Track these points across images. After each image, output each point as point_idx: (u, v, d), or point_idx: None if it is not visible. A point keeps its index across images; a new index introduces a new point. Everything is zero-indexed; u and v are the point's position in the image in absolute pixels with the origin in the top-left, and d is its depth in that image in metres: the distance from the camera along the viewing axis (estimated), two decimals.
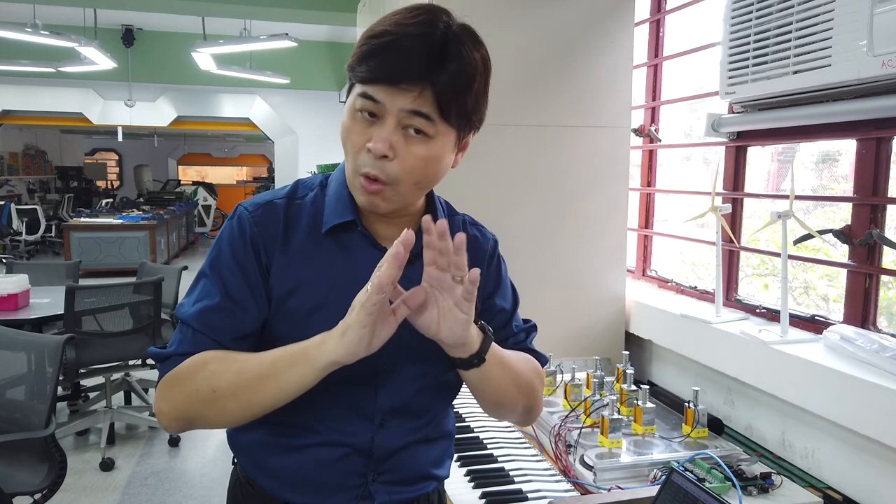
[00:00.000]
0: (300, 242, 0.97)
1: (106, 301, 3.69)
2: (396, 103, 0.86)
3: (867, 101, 1.41)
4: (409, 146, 0.89)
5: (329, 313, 0.92)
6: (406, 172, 0.90)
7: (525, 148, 2.06)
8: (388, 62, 0.85)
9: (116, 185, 19.02)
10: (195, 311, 0.95)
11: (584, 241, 2.14)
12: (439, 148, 0.92)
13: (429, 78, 0.86)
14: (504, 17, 2.00)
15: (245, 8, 5.28)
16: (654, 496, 1.10)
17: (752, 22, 1.65)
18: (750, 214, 2.00)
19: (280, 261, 0.96)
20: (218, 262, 0.97)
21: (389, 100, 0.86)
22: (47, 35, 5.31)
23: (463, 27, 0.91)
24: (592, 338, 2.15)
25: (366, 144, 0.88)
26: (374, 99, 0.87)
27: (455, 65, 0.87)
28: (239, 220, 0.98)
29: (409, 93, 0.86)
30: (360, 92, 0.88)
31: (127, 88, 8.24)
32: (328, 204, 0.99)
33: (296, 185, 1.04)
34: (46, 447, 2.28)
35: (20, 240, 10.96)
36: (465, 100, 0.90)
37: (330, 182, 1.03)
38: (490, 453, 1.59)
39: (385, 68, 0.86)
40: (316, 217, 0.99)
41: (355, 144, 0.90)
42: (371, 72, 0.86)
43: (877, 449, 1.35)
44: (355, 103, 0.89)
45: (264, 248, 0.96)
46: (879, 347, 1.38)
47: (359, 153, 0.90)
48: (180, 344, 0.95)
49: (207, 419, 0.92)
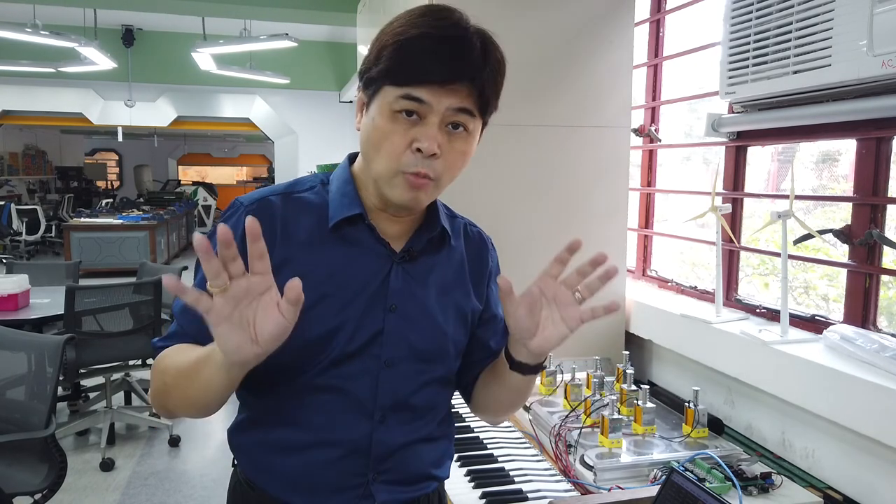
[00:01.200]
0: (303, 236, 0.97)
1: (106, 301, 3.69)
2: (443, 102, 0.89)
3: (867, 101, 1.41)
4: (452, 143, 0.92)
5: (330, 305, 0.94)
6: (449, 168, 0.94)
7: (525, 148, 2.06)
8: (439, 64, 0.88)
9: (116, 185, 19.02)
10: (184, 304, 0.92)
11: (585, 241, 2.13)
12: (473, 142, 0.96)
13: (475, 76, 0.90)
14: (504, 18, 2.00)
15: (245, 8, 5.28)
16: (654, 496, 1.10)
17: (752, 22, 1.65)
18: (750, 214, 2.00)
19: (280, 255, 0.94)
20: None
21: (436, 100, 0.89)
22: (47, 35, 5.31)
23: (482, 28, 0.95)
24: (592, 338, 2.15)
25: (411, 144, 0.90)
26: (420, 100, 0.89)
27: (493, 62, 0.92)
28: (235, 216, 0.98)
29: (458, 92, 0.89)
30: (403, 94, 0.89)
31: (127, 88, 8.23)
32: (332, 200, 1.00)
33: (295, 181, 1.04)
34: (46, 447, 2.28)
35: (20, 240, 10.95)
36: (497, 95, 0.95)
37: (332, 180, 1.03)
38: (490, 453, 1.59)
39: (437, 70, 0.88)
40: (320, 212, 0.99)
41: (397, 145, 0.90)
42: (419, 73, 0.88)
43: (877, 449, 1.34)
44: (394, 104, 0.90)
45: None
46: (879, 347, 1.38)
47: (402, 154, 0.90)
48: (169, 336, 0.97)
49: (175, 408, 0.94)
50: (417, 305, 1.01)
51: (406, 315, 0.99)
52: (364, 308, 0.97)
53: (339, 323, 0.96)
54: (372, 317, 0.97)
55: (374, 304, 0.98)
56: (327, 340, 0.95)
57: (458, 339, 1.07)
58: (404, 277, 1.00)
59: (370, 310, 0.97)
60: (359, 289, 0.97)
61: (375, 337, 0.98)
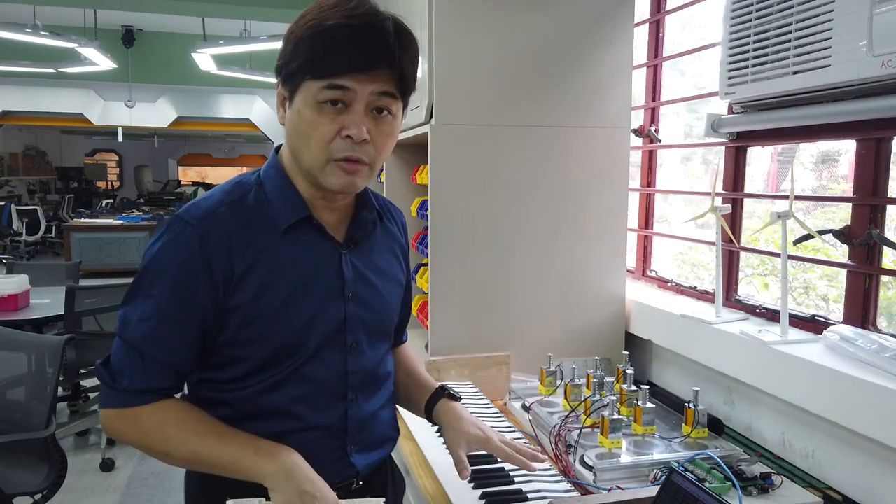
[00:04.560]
0: (258, 243, 1.00)
1: (106, 301, 3.69)
2: (367, 88, 0.94)
3: (867, 101, 1.41)
4: (379, 127, 0.98)
5: (297, 303, 1.01)
6: (380, 151, 0.99)
7: (525, 148, 2.06)
8: (361, 52, 0.92)
9: (116, 185, 19.01)
10: (141, 335, 0.97)
11: (584, 241, 2.14)
12: (398, 124, 1.02)
13: (394, 61, 0.94)
14: (504, 18, 1.99)
15: (245, 8, 5.28)
16: (654, 496, 1.10)
17: (751, 22, 1.65)
18: (750, 214, 2.00)
19: (240, 266, 0.98)
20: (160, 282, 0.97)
21: (360, 86, 0.93)
22: (47, 36, 5.32)
23: (393, 14, 0.98)
24: (592, 338, 2.15)
25: (340, 132, 0.94)
26: (344, 87, 0.93)
27: (409, 46, 0.97)
28: (184, 237, 0.97)
29: (379, 77, 0.94)
30: (326, 84, 0.93)
31: (127, 89, 8.24)
32: (274, 203, 1.03)
33: (232, 187, 1.05)
34: (47, 447, 2.29)
35: (20, 240, 10.95)
36: (415, 77, 1.01)
37: (264, 180, 1.05)
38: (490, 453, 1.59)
39: (360, 58, 0.92)
40: (265, 217, 1.02)
41: (326, 134, 0.95)
42: (340, 63, 0.92)
43: (877, 449, 1.34)
44: (318, 95, 0.93)
45: (218, 262, 0.97)
46: (879, 347, 1.38)
47: (331, 142, 0.95)
48: (132, 376, 0.97)
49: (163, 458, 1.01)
50: (368, 289, 1.10)
51: (360, 300, 1.08)
52: (326, 300, 1.04)
53: (308, 318, 1.02)
54: (335, 307, 1.05)
55: (334, 295, 1.05)
56: (302, 335, 1.02)
57: (397, 309, 1.20)
58: (353, 265, 1.09)
59: (331, 301, 1.05)
60: (317, 283, 1.04)
61: (341, 325, 1.06)
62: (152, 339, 0.96)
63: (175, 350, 0.98)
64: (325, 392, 1.06)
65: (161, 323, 0.96)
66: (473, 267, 2.01)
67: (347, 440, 1.09)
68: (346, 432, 1.08)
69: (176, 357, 0.99)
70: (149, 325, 0.96)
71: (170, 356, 0.98)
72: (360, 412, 1.10)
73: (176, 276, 0.96)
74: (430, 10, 1.95)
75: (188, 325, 0.97)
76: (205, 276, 0.96)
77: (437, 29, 1.94)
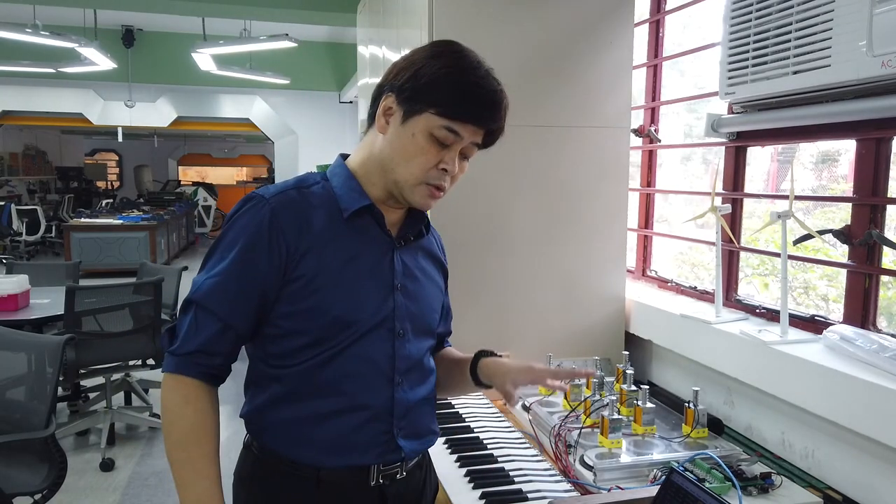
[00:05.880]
0: (320, 226, 1.10)
1: (106, 301, 3.69)
2: (469, 138, 1.10)
3: (867, 101, 1.41)
4: (461, 165, 1.14)
5: (348, 286, 1.10)
6: (453, 183, 1.15)
7: (525, 148, 2.06)
8: (486, 113, 1.09)
9: (116, 185, 19.01)
10: (206, 289, 1.08)
11: (584, 241, 2.14)
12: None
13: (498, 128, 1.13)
14: (504, 18, 2.00)
15: (245, 8, 5.28)
16: (654, 496, 1.10)
17: (751, 22, 1.65)
18: (750, 214, 2.00)
19: (304, 244, 1.08)
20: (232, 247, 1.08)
21: (469, 135, 1.09)
22: (47, 36, 5.31)
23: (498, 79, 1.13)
24: (592, 338, 2.15)
25: (438, 164, 1.09)
26: (458, 133, 1.08)
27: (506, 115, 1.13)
28: (257, 209, 1.08)
29: (480, 132, 1.11)
30: (447, 125, 1.07)
31: (127, 89, 8.23)
32: (340, 194, 1.14)
33: (301, 178, 1.17)
34: (46, 447, 2.28)
35: (20, 240, 10.95)
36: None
37: (331, 177, 1.18)
38: (490, 453, 1.59)
39: (485, 116, 1.09)
40: (331, 205, 1.13)
41: (428, 161, 1.09)
42: (469, 116, 1.07)
43: (877, 449, 1.35)
44: (436, 131, 1.07)
45: (284, 234, 1.08)
46: (879, 347, 1.38)
47: (430, 170, 1.09)
48: (187, 335, 1.08)
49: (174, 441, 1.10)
50: (414, 284, 1.19)
51: (408, 293, 1.18)
52: (379, 286, 1.14)
53: (363, 296, 1.11)
54: (385, 295, 1.14)
55: (386, 283, 1.15)
56: (356, 311, 1.10)
57: (438, 310, 1.28)
58: (403, 261, 1.18)
59: (382, 289, 1.14)
60: (372, 269, 1.14)
61: (391, 312, 1.14)
62: (216, 292, 1.08)
63: (233, 307, 1.08)
64: (374, 372, 1.12)
65: (226, 279, 1.07)
66: (473, 267, 2.01)
67: (394, 423, 1.14)
68: (391, 415, 1.14)
69: (233, 316, 1.08)
70: (214, 281, 1.08)
71: (228, 312, 1.08)
72: (405, 397, 1.16)
73: (245, 242, 1.07)
74: (429, 11, 1.95)
75: (250, 287, 1.07)
76: (271, 245, 1.07)
77: (437, 29, 1.94)
